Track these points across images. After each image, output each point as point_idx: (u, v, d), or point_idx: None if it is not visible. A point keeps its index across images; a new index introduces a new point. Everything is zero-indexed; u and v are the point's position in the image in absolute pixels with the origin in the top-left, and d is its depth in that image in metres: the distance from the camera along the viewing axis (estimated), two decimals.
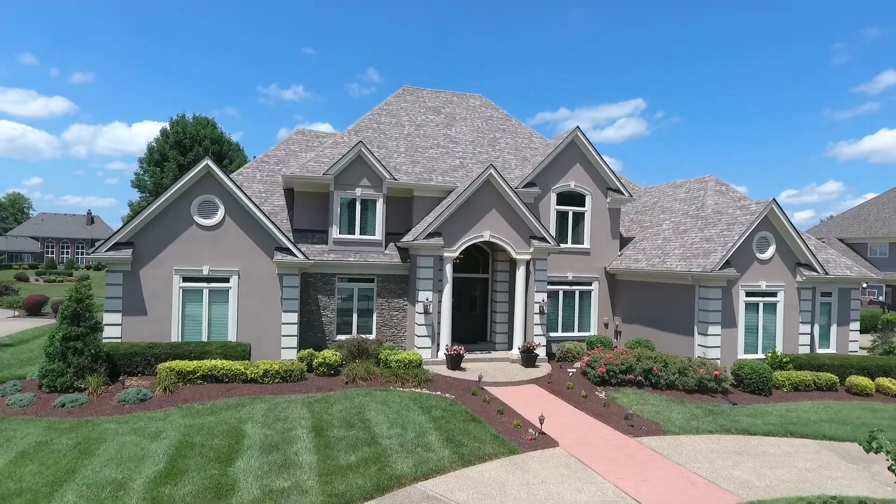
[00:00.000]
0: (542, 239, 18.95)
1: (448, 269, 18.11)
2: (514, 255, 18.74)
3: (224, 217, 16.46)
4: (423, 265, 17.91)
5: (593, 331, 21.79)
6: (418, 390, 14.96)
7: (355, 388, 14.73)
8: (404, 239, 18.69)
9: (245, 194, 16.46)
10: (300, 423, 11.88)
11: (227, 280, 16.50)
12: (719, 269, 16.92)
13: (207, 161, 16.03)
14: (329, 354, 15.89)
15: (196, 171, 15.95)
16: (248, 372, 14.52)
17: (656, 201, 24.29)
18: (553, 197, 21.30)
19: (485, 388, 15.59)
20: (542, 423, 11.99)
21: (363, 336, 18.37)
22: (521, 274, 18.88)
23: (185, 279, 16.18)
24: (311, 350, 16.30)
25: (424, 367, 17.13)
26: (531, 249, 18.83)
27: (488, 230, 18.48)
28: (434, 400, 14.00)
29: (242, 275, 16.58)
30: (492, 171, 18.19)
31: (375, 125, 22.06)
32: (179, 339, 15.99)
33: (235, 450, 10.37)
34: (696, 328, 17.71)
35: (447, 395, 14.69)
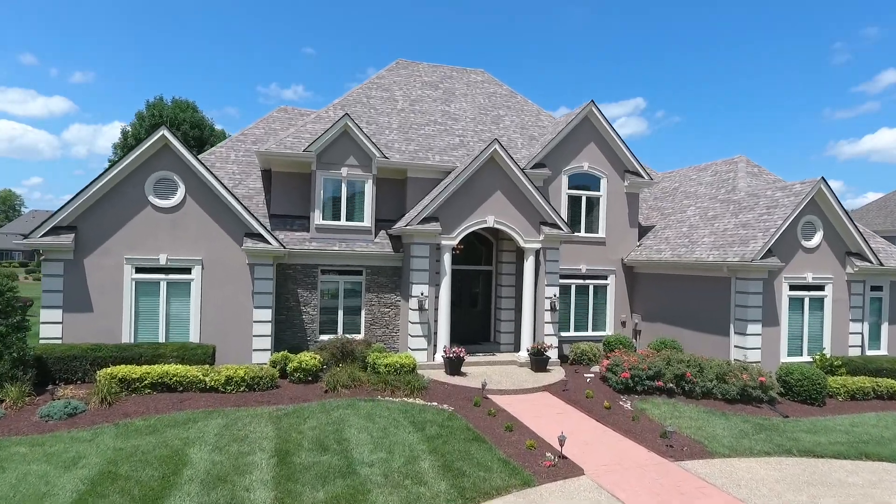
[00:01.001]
0: (554, 225, 16.61)
1: (446, 259, 15.77)
2: (522, 244, 16.40)
3: (185, 198, 14.11)
4: (417, 255, 15.57)
5: (609, 330, 19.45)
6: (411, 400, 12.62)
7: (336, 399, 12.39)
8: (397, 225, 16.35)
9: (210, 171, 14.11)
10: (261, 445, 9.53)
11: (188, 271, 14.15)
12: (760, 258, 14.57)
13: (164, 131, 13.68)
14: (307, 358, 13.55)
15: (150, 142, 13.60)
16: (207, 379, 12.17)
17: (677, 186, 21.95)
18: (564, 180, 18.96)
19: (489, 397, 13.25)
20: (562, 445, 9.65)
21: (349, 336, 16.02)
22: (529, 265, 16.53)
23: (139, 269, 13.83)
24: (285, 353, 13.96)
25: (419, 371, 14.79)
26: (541, 237, 16.49)
27: (492, 215, 16.13)
28: (429, 413, 11.66)
29: (207, 265, 14.23)
30: (496, 146, 15.85)
31: (365, 100, 19.70)
32: (132, 340, 13.66)
33: (169, 484, 8.02)
34: (731, 327, 15.36)
35: (445, 406, 12.35)
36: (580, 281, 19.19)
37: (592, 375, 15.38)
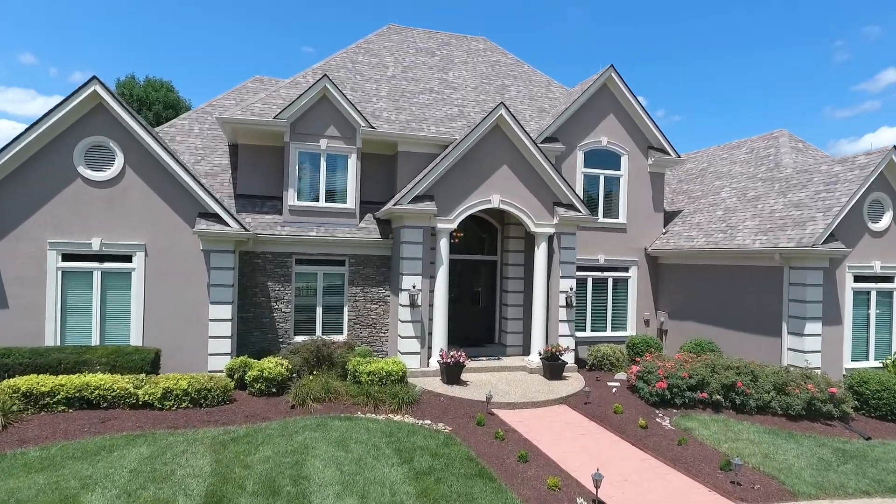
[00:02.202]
0: (570, 206, 14.08)
1: (443, 246, 13.24)
2: (533, 229, 13.87)
3: (124, 169, 11.59)
4: (409, 240, 13.04)
5: (631, 330, 16.93)
6: (398, 418, 10.10)
7: (304, 417, 9.87)
8: (386, 207, 13.79)
9: (156, 138, 11.59)
10: (187, 488, 7.01)
11: (127, 259, 11.63)
12: (822, 242, 12.05)
13: (95, 86, 11.14)
14: (270, 365, 11.02)
15: (79, 99, 11.07)
16: (139, 392, 9.64)
17: (706, 167, 19.41)
18: (579, 157, 16.42)
19: (496, 412, 10.74)
20: (597, 486, 7.12)
21: (326, 338, 13.49)
22: (541, 254, 14.00)
23: (66, 257, 11.32)
24: (245, 358, 11.43)
25: (410, 380, 12.29)
26: (555, 220, 13.96)
27: (497, 193, 13.60)
28: (420, 436, 9.13)
29: (152, 252, 11.71)
30: (502, 111, 13.31)
31: (350, 65, 17.16)
32: (58, 343, 11.15)
33: None
34: (784, 326, 12.82)
35: (440, 425, 9.84)
36: (598, 273, 16.66)
37: (618, 385, 12.86)
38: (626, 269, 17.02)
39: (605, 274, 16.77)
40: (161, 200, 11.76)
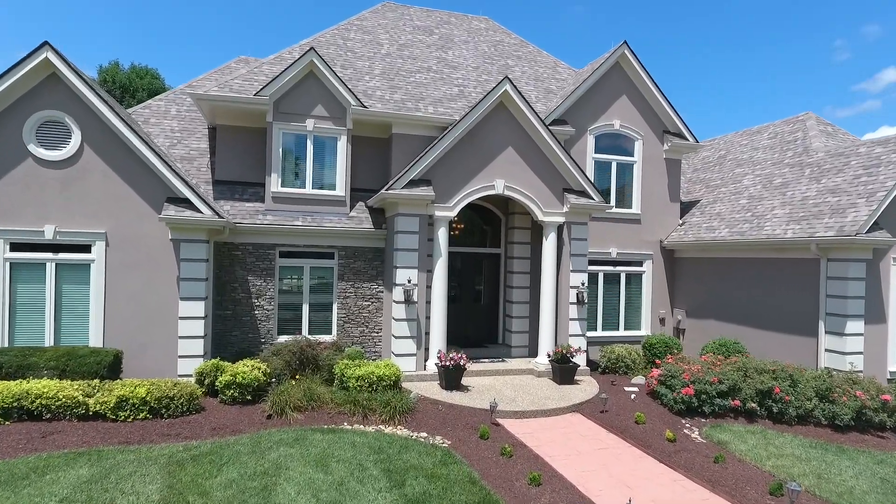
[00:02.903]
0: (582, 193, 12.79)
1: (442, 236, 11.94)
2: (541, 218, 12.57)
3: (82, 148, 10.28)
4: (403, 229, 11.74)
5: (645, 329, 15.63)
6: (390, 430, 8.81)
7: (281, 429, 8.57)
8: (379, 193, 12.47)
9: (118, 114, 10.29)
10: None
11: (86, 249, 10.33)
12: (866, 231, 10.75)
13: (47, 53, 9.82)
14: (245, 369, 9.71)
15: (28, 68, 9.76)
16: (90, 401, 8.33)
17: (724, 154, 18.10)
18: (590, 141, 15.12)
19: (501, 423, 9.44)
20: None
21: (312, 338, 12.21)
22: (549, 246, 12.70)
23: (15, 246, 10.02)
24: (217, 361, 10.11)
25: (405, 385, 11.00)
26: (565, 209, 12.66)
27: (501, 178, 12.30)
28: (414, 452, 7.84)
29: (113, 241, 10.41)
30: (507, 86, 12.01)
31: (341, 41, 15.84)
32: (6, 343, 9.85)
33: None
34: (822, 324, 11.52)
35: (438, 439, 8.55)
36: (609, 268, 15.36)
37: (636, 390, 11.56)
38: (640, 264, 15.72)
39: (618, 268, 15.47)
40: (124, 184, 10.46)
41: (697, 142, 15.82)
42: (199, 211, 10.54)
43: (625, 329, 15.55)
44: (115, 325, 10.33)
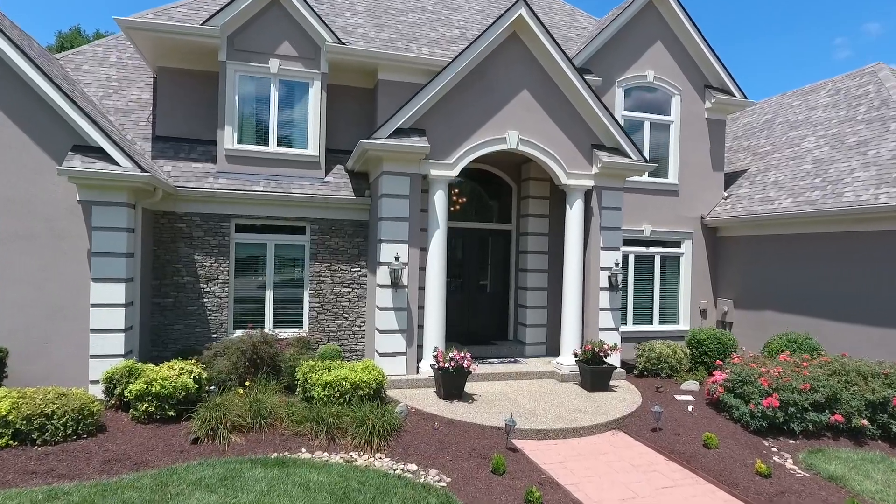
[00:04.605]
0: (616, 150, 10.18)
1: (439, 202, 9.33)
2: (564, 181, 9.95)
3: None
4: (390, 192, 9.12)
5: (683, 322, 13.02)
6: (365, 460, 6.21)
7: (208, 460, 5.97)
8: (358, 145, 9.79)
9: (2, 30, 7.66)
10: None
11: None
12: None
13: None
14: (169, 373, 7.09)
15: None
16: None
17: (771, 118, 15.47)
18: (619, 95, 12.51)
19: (520, 446, 6.85)
20: None
21: (271, 332, 9.62)
22: (574, 216, 10.09)
23: None
24: (131, 363, 7.47)
25: (392, 393, 8.41)
26: (595, 169, 10.05)
27: (515, 129, 9.68)
28: (397, 499, 5.23)
29: None
30: (523, 9, 9.39)
31: None
32: None
33: None
34: None
35: (432, 474, 5.94)
36: (642, 249, 12.76)
37: (691, 399, 8.94)
38: (678, 244, 13.11)
39: (651, 250, 12.86)
40: (14, 127, 7.84)
41: (746, 98, 13.19)
42: (115, 163, 7.90)
43: (659, 323, 12.95)
44: (2, 315, 7.71)
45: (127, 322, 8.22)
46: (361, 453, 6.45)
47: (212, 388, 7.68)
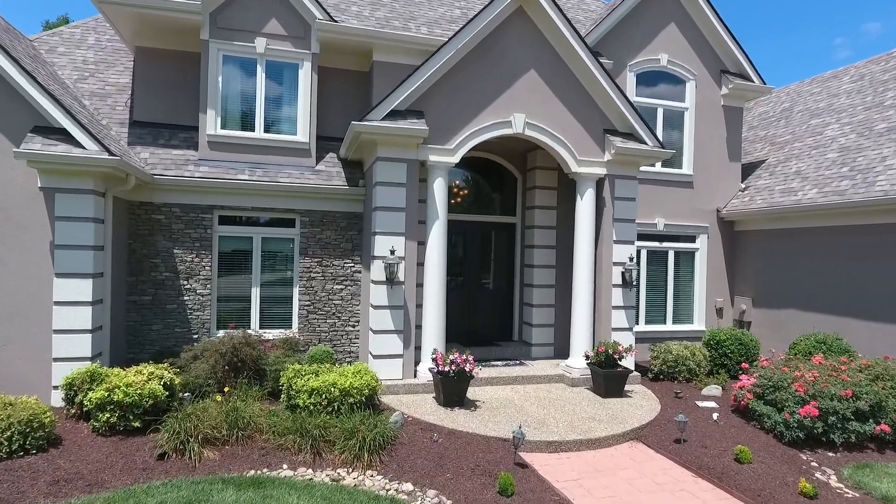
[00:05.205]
0: (630, 135, 9.41)
1: (438, 192, 8.56)
2: (575, 169, 9.17)
3: None
4: (385, 179, 8.35)
5: (699, 322, 12.25)
6: (353, 478, 5.45)
7: (174, 480, 5.21)
8: (351, 127, 9.01)
9: None
10: None
11: None
12: None
13: None
14: (136, 379, 6.31)
15: None
16: None
17: (789, 106, 14.69)
18: (630, 80, 11.74)
19: (530, 462, 6.08)
20: None
21: (255, 333, 8.86)
22: (585, 207, 9.31)
23: None
24: (95, 367, 6.69)
25: (386, 399, 7.64)
26: (608, 156, 9.28)
27: (521, 112, 8.90)
28: None
29: None
30: None
31: None
32: None
33: None
34: None
35: (430, 495, 5.18)
36: (655, 244, 11.99)
37: (715, 406, 8.18)
38: (693, 239, 12.34)
39: (665, 245, 12.10)
40: None
41: (764, 84, 12.41)
42: (80, 145, 7.14)
43: (673, 322, 12.20)
44: None
45: (95, 322, 7.45)
46: (350, 470, 5.69)
47: (186, 395, 6.91)
